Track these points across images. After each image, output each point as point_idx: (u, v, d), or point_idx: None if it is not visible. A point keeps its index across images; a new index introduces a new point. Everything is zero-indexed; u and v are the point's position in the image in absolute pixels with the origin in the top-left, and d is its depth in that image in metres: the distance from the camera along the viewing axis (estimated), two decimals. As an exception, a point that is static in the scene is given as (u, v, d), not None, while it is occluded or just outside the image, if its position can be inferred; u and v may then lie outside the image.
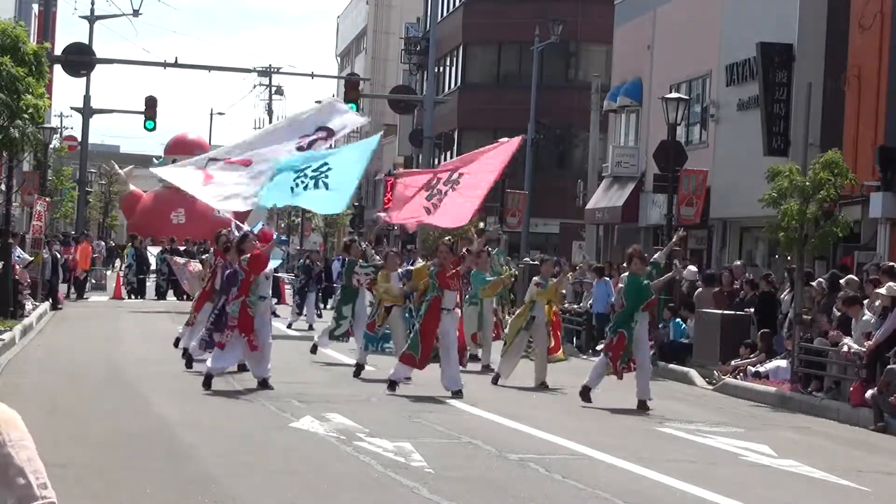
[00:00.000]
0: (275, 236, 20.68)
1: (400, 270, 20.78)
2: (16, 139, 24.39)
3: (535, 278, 20.68)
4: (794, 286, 21.11)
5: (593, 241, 43.44)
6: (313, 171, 19.42)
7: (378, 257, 21.58)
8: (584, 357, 27.89)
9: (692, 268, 28.10)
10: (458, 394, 17.31)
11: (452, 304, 17.84)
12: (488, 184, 19.33)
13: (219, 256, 20.60)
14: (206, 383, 16.92)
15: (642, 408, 17.42)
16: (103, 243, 59.18)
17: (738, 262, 27.83)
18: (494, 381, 19.63)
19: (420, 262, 22.30)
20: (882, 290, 18.28)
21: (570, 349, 28.91)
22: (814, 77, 27.85)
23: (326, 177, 19.22)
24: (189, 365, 19.42)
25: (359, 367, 19.86)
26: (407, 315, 19.64)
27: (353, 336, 21.57)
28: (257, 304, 17.48)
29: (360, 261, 21.93)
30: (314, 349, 22.43)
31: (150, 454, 11.76)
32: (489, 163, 19.54)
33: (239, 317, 17.33)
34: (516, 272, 21.21)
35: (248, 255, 17.53)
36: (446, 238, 26.40)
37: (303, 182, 19.49)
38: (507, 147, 20.06)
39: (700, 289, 25.75)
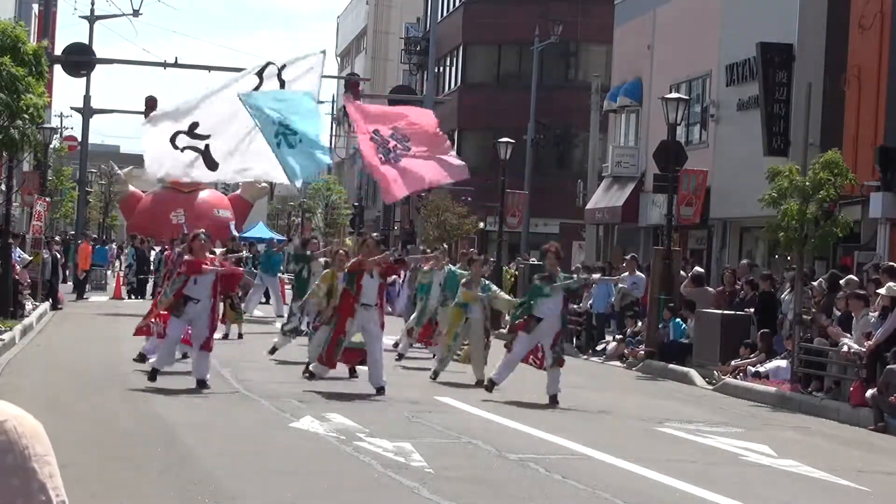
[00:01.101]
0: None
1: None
2: (16, 139, 24.37)
3: (463, 280, 20.59)
4: (794, 286, 21.11)
5: (593, 241, 43.44)
6: (281, 126, 18.42)
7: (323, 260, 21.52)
8: (584, 357, 27.90)
9: (698, 269, 28.11)
10: (380, 390, 17.21)
11: (372, 300, 17.55)
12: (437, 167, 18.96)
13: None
14: (152, 376, 17.13)
15: (489, 387, 17.49)
16: (115, 246, 59.16)
17: (744, 262, 27.82)
18: (433, 377, 19.55)
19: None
20: (882, 291, 18.29)
21: (569, 349, 28.92)
22: (814, 77, 27.84)
23: (294, 133, 18.24)
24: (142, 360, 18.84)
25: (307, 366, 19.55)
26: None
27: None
28: (167, 298, 17.68)
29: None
30: (272, 351, 22.03)
31: (150, 454, 11.75)
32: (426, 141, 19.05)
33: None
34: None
35: (188, 257, 17.73)
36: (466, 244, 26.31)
37: (277, 142, 18.62)
38: (427, 120, 19.52)
39: (690, 289, 25.69)
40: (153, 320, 18.63)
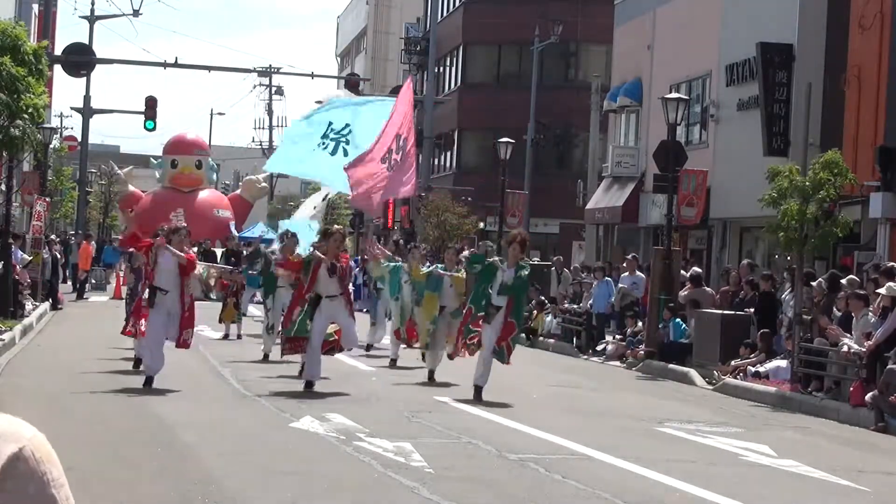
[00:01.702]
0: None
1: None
2: (16, 139, 24.36)
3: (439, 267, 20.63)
4: (794, 286, 21.11)
5: (593, 241, 43.44)
6: (335, 132, 18.80)
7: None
8: (584, 357, 27.90)
9: (696, 269, 28.11)
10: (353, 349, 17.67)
11: (334, 291, 17.43)
12: (411, 144, 19.30)
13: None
14: (147, 382, 17.00)
15: (476, 395, 17.16)
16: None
17: (745, 262, 27.82)
18: (430, 378, 19.50)
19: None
20: (882, 290, 18.29)
21: (569, 349, 28.93)
22: (814, 77, 27.84)
23: (347, 141, 18.63)
24: (136, 366, 19.11)
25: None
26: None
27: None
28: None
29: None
30: (265, 357, 22.09)
31: (150, 454, 11.75)
32: (406, 120, 19.27)
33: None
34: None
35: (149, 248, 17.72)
36: (456, 245, 26.18)
37: (322, 144, 18.88)
38: (405, 96, 19.80)
39: (690, 290, 25.68)
40: (135, 321, 18.58)
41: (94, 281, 44.95)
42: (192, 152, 59.71)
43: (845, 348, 18.56)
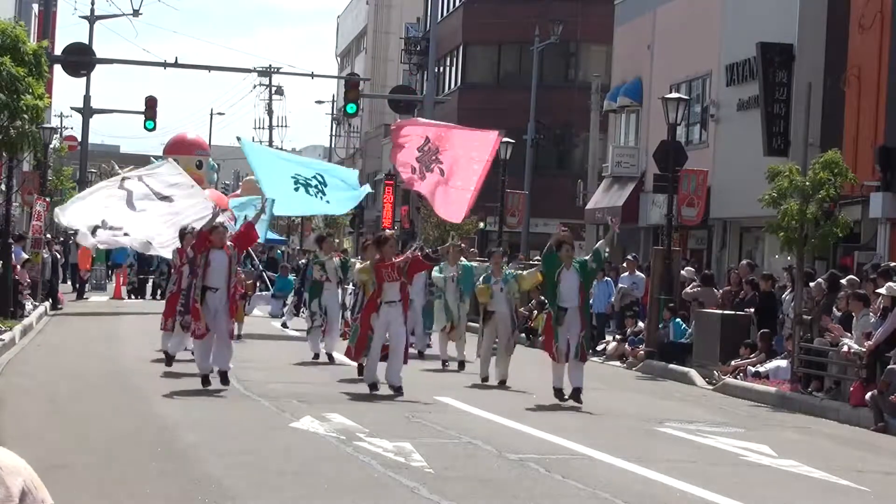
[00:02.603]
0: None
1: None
2: (14, 139, 24.33)
3: (482, 277, 20.53)
4: (794, 286, 21.11)
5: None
6: (316, 184, 21.77)
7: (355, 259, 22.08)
8: (584, 357, 27.89)
9: (690, 269, 28.12)
10: (398, 390, 17.13)
11: (395, 297, 17.35)
12: (478, 181, 19.59)
13: (182, 254, 20.47)
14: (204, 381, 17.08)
15: (575, 397, 17.19)
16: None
17: (744, 262, 27.82)
18: (484, 381, 19.56)
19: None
20: (882, 291, 18.29)
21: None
22: (814, 77, 27.87)
23: (324, 194, 21.32)
24: (169, 363, 19.55)
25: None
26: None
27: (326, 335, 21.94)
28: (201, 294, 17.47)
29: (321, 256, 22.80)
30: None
31: (150, 454, 11.75)
32: (473, 155, 19.71)
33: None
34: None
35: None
36: (454, 240, 26.06)
37: (308, 190, 21.24)
38: (488, 140, 20.37)
39: (698, 288, 25.69)
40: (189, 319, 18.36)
41: (94, 281, 44.92)
42: (192, 152, 59.72)
43: (845, 348, 18.56)
